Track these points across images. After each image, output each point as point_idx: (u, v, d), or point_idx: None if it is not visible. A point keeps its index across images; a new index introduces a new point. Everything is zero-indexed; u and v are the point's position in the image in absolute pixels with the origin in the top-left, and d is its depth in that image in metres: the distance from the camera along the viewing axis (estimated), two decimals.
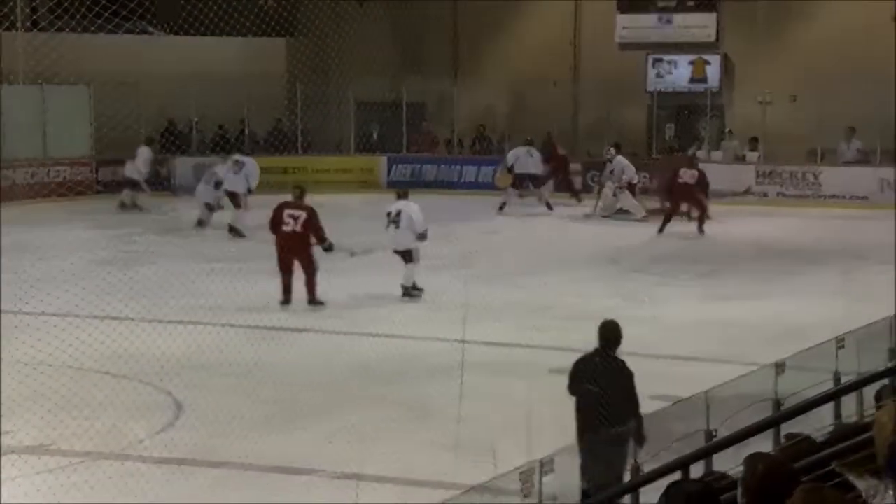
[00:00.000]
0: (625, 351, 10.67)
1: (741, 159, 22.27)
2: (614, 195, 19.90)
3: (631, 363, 10.39)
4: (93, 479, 7.58)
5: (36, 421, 8.42)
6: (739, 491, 3.77)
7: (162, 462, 7.88)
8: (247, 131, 24.06)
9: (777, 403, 6.74)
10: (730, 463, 5.72)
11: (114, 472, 7.70)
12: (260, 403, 9.15)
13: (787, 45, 22.42)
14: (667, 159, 21.88)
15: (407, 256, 13.41)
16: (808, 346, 8.07)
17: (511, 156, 21.23)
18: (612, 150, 20.04)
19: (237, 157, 19.12)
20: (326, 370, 10.13)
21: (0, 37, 20.82)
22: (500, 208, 20.51)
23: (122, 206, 21.13)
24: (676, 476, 5.19)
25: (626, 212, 19.65)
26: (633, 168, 19.81)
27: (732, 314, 12.32)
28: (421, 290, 13.38)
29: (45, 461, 7.81)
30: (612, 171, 19.93)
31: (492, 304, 12.66)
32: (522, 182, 20.99)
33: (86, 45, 21.26)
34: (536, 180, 21.01)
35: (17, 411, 8.54)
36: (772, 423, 6.18)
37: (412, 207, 13.54)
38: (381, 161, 24.13)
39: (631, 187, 19.79)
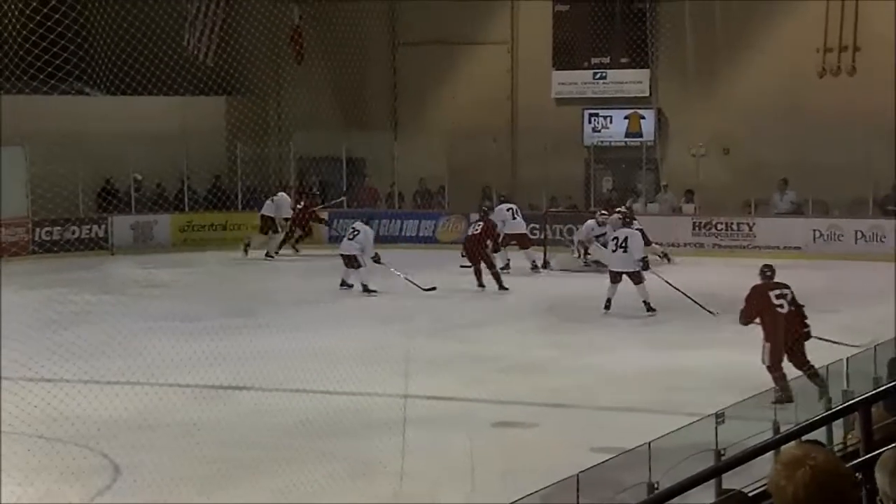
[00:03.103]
0: (567, 403, 10.77)
1: (678, 211, 22.60)
2: (586, 252, 19.75)
3: (573, 414, 10.49)
4: None
5: None
6: None
7: None
8: (186, 189, 23.93)
9: (718, 454, 6.80)
10: None
11: None
12: (200, 464, 9.01)
13: (718, 98, 22.90)
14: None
15: None
16: (747, 395, 8.17)
17: (497, 214, 20.54)
18: (606, 214, 19.58)
19: (356, 224, 18.62)
20: (268, 427, 10.03)
21: None
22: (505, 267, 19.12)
23: (246, 249, 21.20)
24: None
25: (598, 262, 19.34)
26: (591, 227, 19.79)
27: (673, 363, 12.43)
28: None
29: None
30: (602, 234, 19.44)
31: (433, 357, 12.66)
32: (507, 243, 19.86)
33: (22, 106, 21.11)
34: (522, 240, 20.37)
35: None
36: (712, 474, 6.21)
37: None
38: (322, 216, 24.13)
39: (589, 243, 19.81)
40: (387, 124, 25.67)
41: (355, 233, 17.97)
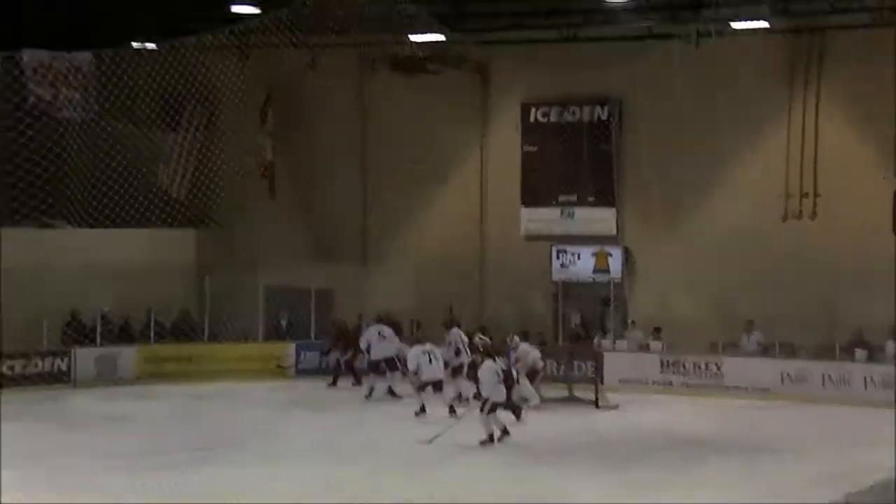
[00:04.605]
0: None
1: (645, 349, 22.73)
2: (517, 382, 19.86)
3: None
4: None
5: None
6: None
7: None
8: (153, 321, 23.77)
9: None
10: None
11: None
12: None
13: (685, 237, 23.24)
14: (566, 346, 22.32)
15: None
16: None
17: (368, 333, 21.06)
18: (517, 339, 20.13)
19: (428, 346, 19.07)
20: None
21: None
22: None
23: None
24: None
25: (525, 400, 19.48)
26: (538, 354, 19.93)
27: None
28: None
29: None
30: (517, 360, 19.88)
31: (398, 495, 12.46)
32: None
33: None
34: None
35: None
36: None
37: None
38: (290, 348, 23.99)
39: (533, 374, 19.83)
40: (356, 255, 25.83)
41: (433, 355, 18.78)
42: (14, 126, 19.91)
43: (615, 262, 24.00)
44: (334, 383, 22.35)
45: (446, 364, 19.58)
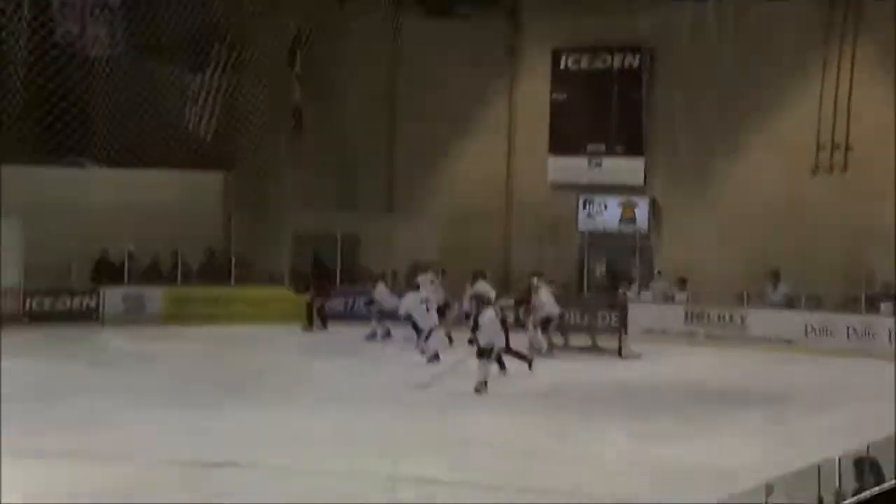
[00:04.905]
0: (557, 489, 10.69)
1: (670, 300, 22.69)
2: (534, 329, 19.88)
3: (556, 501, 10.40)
4: None
5: None
6: None
7: None
8: (179, 263, 23.95)
9: None
10: None
11: None
12: None
13: (712, 188, 23.11)
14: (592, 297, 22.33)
15: None
16: (734, 488, 8.11)
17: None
18: (537, 281, 20.11)
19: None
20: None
21: None
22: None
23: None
24: None
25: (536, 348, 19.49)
26: (553, 304, 19.85)
27: (664, 455, 12.34)
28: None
29: None
30: (528, 301, 19.92)
31: (422, 439, 12.59)
32: None
33: (19, 177, 21.22)
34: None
35: None
36: None
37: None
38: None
39: (546, 322, 19.83)
40: (382, 204, 25.83)
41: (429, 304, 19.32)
42: (41, 61, 19.95)
43: (642, 213, 23.91)
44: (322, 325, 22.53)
45: (467, 315, 19.57)
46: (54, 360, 18.07)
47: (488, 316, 16.38)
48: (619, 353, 19.74)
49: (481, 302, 17.39)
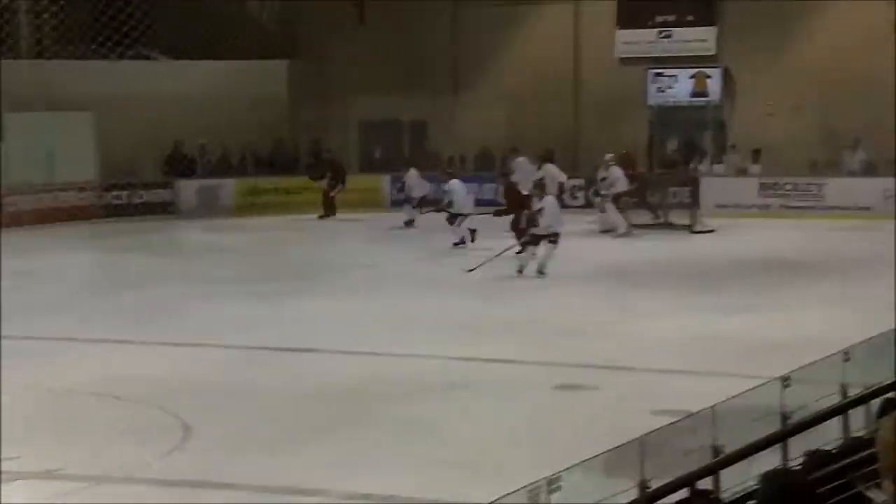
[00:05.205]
0: (628, 366, 10.73)
1: (743, 172, 22.28)
2: (603, 210, 19.75)
3: (635, 378, 10.45)
4: None
5: (43, 446, 8.42)
6: None
7: (169, 485, 7.88)
8: (249, 154, 24.12)
9: (784, 417, 6.72)
10: (738, 478, 5.72)
11: (121, 495, 7.70)
12: (265, 424, 9.15)
13: (787, 55, 22.47)
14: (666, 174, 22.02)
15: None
16: (810, 358, 8.05)
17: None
18: (611, 157, 19.94)
19: None
20: (329, 390, 10.12)
21: (2, 65, 20.89)
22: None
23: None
24: (684, 493, 5.17)
25: (613, 227, 19.38)
26: (625, 181, 19.70)
27: (734, 327, 12.29)
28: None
29: (52, 486, 7.82)
30: (603, 179, 19.87)
31: (492, 320, 12.68)
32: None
33: (90, 72, 21.41)
34: None
35: (24, 437, 8.55)
36: (780, 437, 6.16)
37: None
38: (384, 180, 24.15)
39: (617, 199, 19.67)
40: (448, 87, 25.58)
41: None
42: None
43: (714, 84, 23.35)
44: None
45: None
46: (131, 253, 18.46)
47: (550, 201, 16.25)
48: (691, 228, 19.55)
49: (541, 187, 17.24)
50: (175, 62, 22.99)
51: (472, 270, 15.51)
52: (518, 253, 15.89)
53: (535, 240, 15.70)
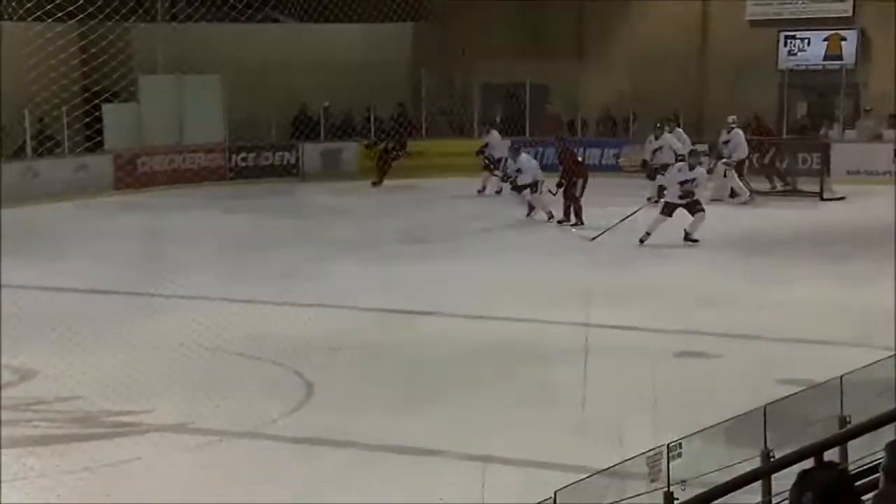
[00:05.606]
0: (752, 335, 10.56)
1: (878, 138, 21.55)
2: (724, 175, 19.28)
3: (759, 347, 10.29)
4: (228, 458, 7.86)
5: (175, 400, 8.74)
6: (881, 477, 3.68)
7: (294, 441, 8.11)
8: (372, 117, 24.36)
9: None
10: (865, 450, 5.60)
11: (248, 450, 7.96)
12: (388, 385, 9.31)
13: None
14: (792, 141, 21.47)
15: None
16: None
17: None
18: (734, 120, 19.48)
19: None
20: (452, 352, 10.24)
21: (137, 29, 21.47)
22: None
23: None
24: (810, 463, 5.10)
25: (735, 194, 18.96)
26: (745, 146, 19.24)
27: (863, 297, 11.97)
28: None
29: (183, 439, 8.12)
30: (726, 143, 19.40)
31: (615, 287, 12.61)
32: None
33: (218, 35, 21.87)
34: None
35: (158, 391, 8.89)
36: None
37: None
38: (505, 144, 24.07)
39: (740, 166, 19.21)
40: (571, 51, 25.31)
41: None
42: None
43: (849, 47, 22.60)
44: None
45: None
46: (257, 214, 18.89)
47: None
48: (821, 196, 19.03)
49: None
50: (301, 25, 23.28)
51: (594, 239, 15.41)
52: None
53: (670, 209, 15.40)
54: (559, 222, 17.18)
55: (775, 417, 5.85)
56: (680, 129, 20.34)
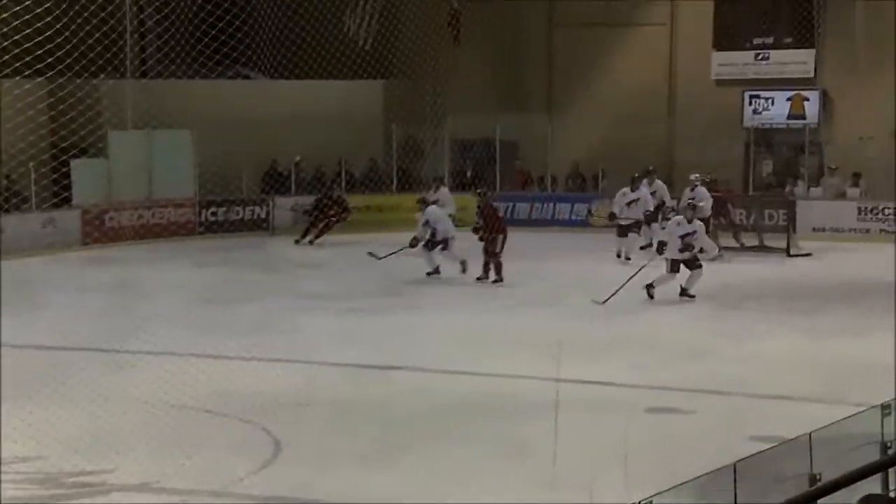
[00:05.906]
0: (724, 390, 10.57)
1: (842, 196, 21.83)
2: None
3: (731, 402, 10.30)
4: None
5: (140, 458, 8.60)
6: None
7: (262, 500, 7.98)
8: (343, 172, 24.40)
9: (884, 447, 6.55)
10: None
11: None
12: (357, 441, 9.22)
13: (887, 77, 21.98)
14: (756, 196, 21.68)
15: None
16: None
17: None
18: (696, 177, 19.51)
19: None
20: (421, 407, 10.17)
21: (108, 85, 21.45)
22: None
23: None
24: None
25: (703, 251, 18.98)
26: (710, 202, 19.33)
27: (832, 352, 12.05)
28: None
29: (147, 498, 7.97)
30: (691, 199, 19.39)
31: (587, 341, 12.61)
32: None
33: (188, 90, 21.91)
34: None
35: (122, 449, 8.74)
36: (880, 467, 6.00)
37: None
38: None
39: (706, 222, 19.27)
40: (542, 107, 25.56)
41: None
42: None
43: (812, 107, 22.97)
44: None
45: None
46: (227, 268, 18.79)
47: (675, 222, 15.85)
48: (787, 252, 19.20)
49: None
50: (272, 82, 23.38)
51: (604, 302, 15.06)
52: None
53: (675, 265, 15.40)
54: (478, 279, 16.80)
55: (746, 474, 5.82)
56: (659, 182, 20.46)
